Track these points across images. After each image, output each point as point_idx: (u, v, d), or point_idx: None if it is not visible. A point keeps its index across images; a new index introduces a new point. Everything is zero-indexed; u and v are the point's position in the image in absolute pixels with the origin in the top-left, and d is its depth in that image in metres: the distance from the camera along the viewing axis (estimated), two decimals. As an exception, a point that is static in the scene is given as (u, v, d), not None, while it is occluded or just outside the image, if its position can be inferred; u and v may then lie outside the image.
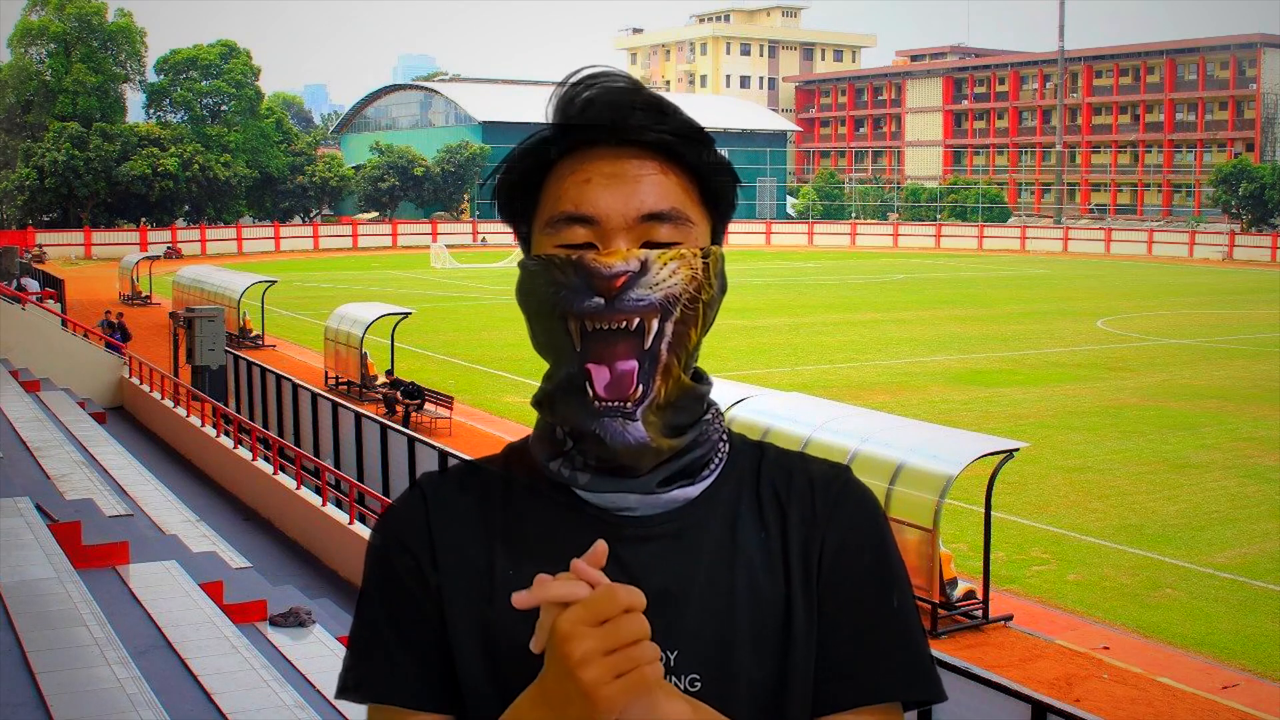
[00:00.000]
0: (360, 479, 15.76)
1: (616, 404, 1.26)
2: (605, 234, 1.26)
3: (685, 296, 1.26)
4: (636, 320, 1.25)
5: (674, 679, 1.24)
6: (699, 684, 1.25)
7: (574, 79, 1.32)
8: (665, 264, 1.25)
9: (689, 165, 1.30)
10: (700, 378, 1.35)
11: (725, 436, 1.37)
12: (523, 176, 1.33)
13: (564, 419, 1.30)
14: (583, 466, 1.30)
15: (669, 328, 1.26)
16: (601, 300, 1.24)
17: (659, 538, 1.29)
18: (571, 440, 1.30)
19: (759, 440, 1.41)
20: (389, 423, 16.89)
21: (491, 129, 76.43)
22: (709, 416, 1.35)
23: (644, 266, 1.24)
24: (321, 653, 9.54)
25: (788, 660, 1.29)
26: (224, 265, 42.78)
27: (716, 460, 1.34)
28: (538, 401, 1.34)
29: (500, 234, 69.83)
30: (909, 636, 1.33)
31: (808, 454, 1.40)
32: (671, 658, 1.25)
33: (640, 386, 1.26)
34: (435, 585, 1.31)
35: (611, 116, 1.28)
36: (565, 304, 1.26)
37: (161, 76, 71.39)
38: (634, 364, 1.26)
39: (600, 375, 1.26)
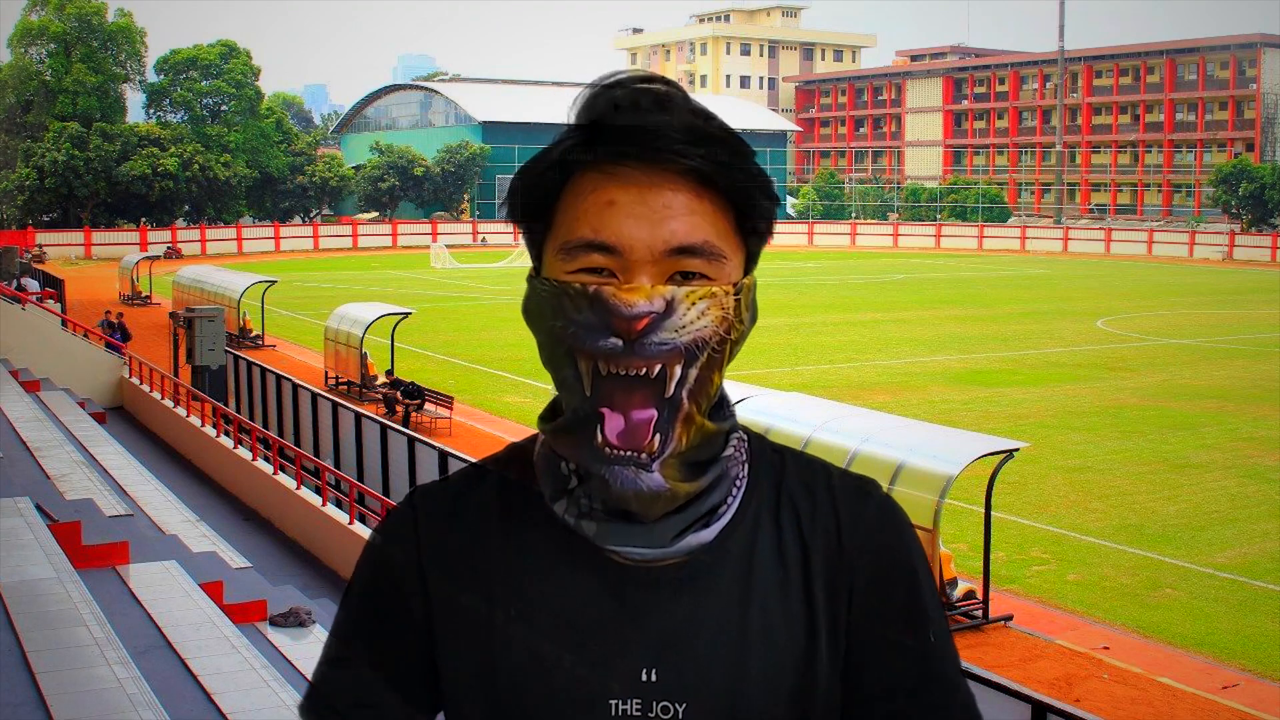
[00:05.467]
0: (360, 479, 15.75)
1: (629, 453, 1.14)
2: (628, 265, 1.12)
3: (715, 340, 1.14)
4: (658, 366, 1.12)
5: (676, 706, 1.17)
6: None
7: (604, 83, 1.18)
8: (694, 304, 1.12)
9: (725, 190, 1.16)
10: (722, 409, 1.22)
11: (746, 459, 1.25)
12: (539, 189, 1.19)
13: (570, 456, 1.19)
14: (589, 512, 1.18)
15: (693, 373, 1.13)
16: (619, 342, 1.11)
17: (669, 582, 1.19)
18: (577, 479, 1.19)
19: (781, 447, 1.29)
20: (389, 423, 16.89)
21: (491, 129, 76.45)
22: (729, 451, 1.22)
23: (669, 306, 1.11)
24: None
25: (807, 706, 1.21)
26: (224, 265, 42.78)
27: (734, 493, 1.22)
28: (548, 430, 1.22)
29: (500, 234, 69.82)
30: (944, 674, 1.24)
31: (832, 467, 1.28)
32: (680, 710, 1.17)
33: (657, 437, 1.14)
34: (422, 616, 1.24)
35: (644, 137, 1.13)
36: (577, 342, 1.13)
37: (161, 76, 71.44)
38: (652, 413, 1.13)
39: (613, 422, 1.13)
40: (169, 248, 59.87)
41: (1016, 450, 12.55)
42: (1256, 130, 77.43)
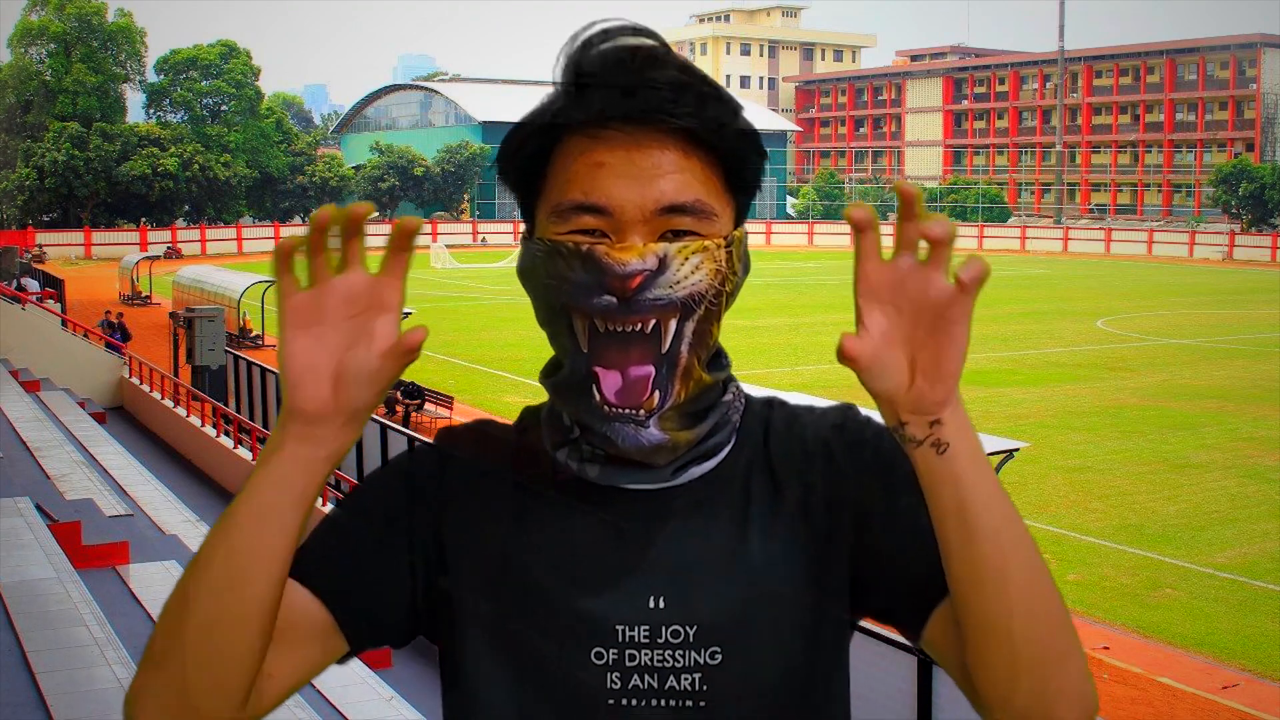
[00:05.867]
0: (360, 479, 15.74)
1: (628, 410, 1.16)
2: (619, 226, 1.13)
3: (710, 293, 1.15)
4: (653, 321, 1.14)
5: (694, 653, 1.19)
6: (719, 656, 1.19)
7: (586, 38, 1.17)
8: (686, 259, 1.13)
9: (713, 147, 1.17)
10: (718, 360, 1.25)
11: (742, 405, 1.28)
12: (529, 154, 1.19)
13: (571, 413, 1.21)
14: (591, 457, 1.21)
15: (689, 327, 1.15)
16: (614, 300, 1.12)
17: (671, 510, 1.21)
18: (579, 429, 1.20)
19: (768, 398, 1.32)
20: (389, 423, 16.88)
21: (491, 129, 76.46)
22: (728, 397, 1.25)
23: (662, 263, 1.12)
24: (321, 653, 9.52)
25: (815, 619, 1.23)
26: (224, 265, 42.78)
27: (733, 434, 1.25)
28: (548, 385, 1.24)
29: (500, 234, 69.91)
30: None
31: (813, 406, 1.31)
32: (690, 632, 1.19)
33: (656, 393, 1.16)
34: (429, 536, 1.24)
35: (630, 98, 1.13)
36: (572, 300, 1.14)
37: (161, 76, 71.49)
38: (650, 369, 1.15)
39: (610, 380, 1.15)
40: (169, 248, 59.90)
41: (1016, 450, 12.55)
42: (1256, 130, 77.46)
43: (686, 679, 1.19)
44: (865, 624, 1.33)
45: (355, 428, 1.11)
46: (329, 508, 1.32)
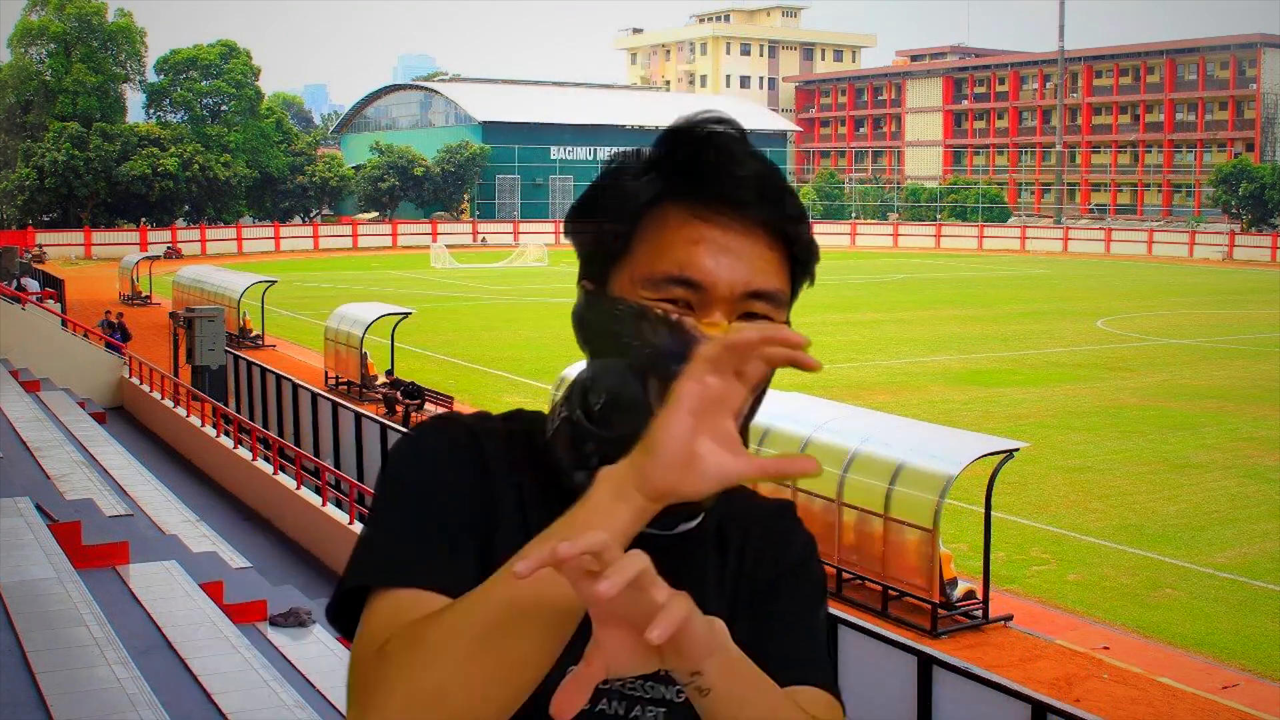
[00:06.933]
0: (360, 479, 15.75)
1: None
2: (706, 301, 1.20)
3: (771, 374, 1.17)
4: None
5: (662, 688, 1.23)
6: (684, 696, 1.19)
7: (696, 120, 1.25)
8: None
9: (787, 243, 1.26)
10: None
11: None
12: (623, 211, 1.24)
13: (617, 460, 1.18)
14: None
15: (752, 404, 1.20)
16: None
17: (656, 558, 1.23)
18: (599, 460, 1.18)
19: None
20: (389, 423, 16.89)
21: (491, 129, 76.47)
22: None
23: None
24: (321, 653, 9.55)
25: None
26: (224, 265, 42.78)
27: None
28: (596, 431, 1.23)
29: (500, 234, 69.89)
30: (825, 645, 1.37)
31: (756, 493, 1.40)
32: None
33: None
34: (484, 505, 1.24)
35: (737, 187, 1.21)
36: (654, 365, 1.17)
37: (161, 76, 71.48)
38: None
39: None
40: (169, 248, 59.87)
41: (1016, 450, 12.55)
42: (1256, 130, 77.43)
43: (652, 712, 1.23)
44: (866, 623, 1.34)
45: None
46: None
